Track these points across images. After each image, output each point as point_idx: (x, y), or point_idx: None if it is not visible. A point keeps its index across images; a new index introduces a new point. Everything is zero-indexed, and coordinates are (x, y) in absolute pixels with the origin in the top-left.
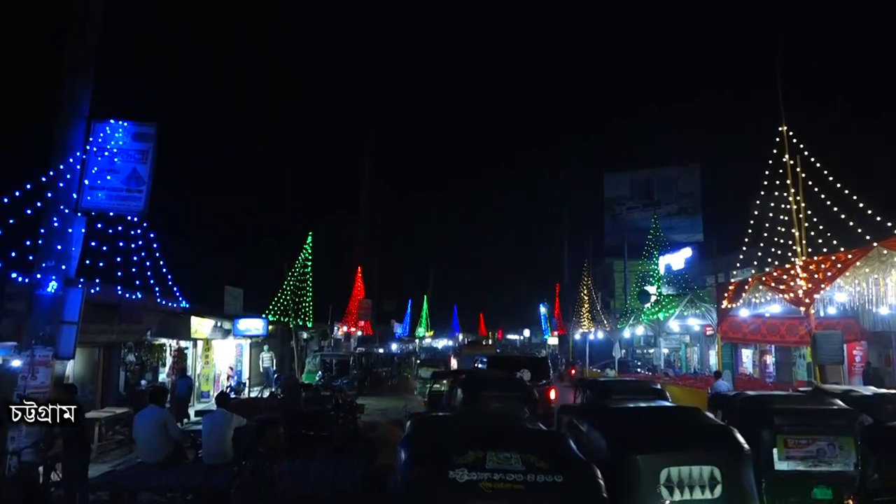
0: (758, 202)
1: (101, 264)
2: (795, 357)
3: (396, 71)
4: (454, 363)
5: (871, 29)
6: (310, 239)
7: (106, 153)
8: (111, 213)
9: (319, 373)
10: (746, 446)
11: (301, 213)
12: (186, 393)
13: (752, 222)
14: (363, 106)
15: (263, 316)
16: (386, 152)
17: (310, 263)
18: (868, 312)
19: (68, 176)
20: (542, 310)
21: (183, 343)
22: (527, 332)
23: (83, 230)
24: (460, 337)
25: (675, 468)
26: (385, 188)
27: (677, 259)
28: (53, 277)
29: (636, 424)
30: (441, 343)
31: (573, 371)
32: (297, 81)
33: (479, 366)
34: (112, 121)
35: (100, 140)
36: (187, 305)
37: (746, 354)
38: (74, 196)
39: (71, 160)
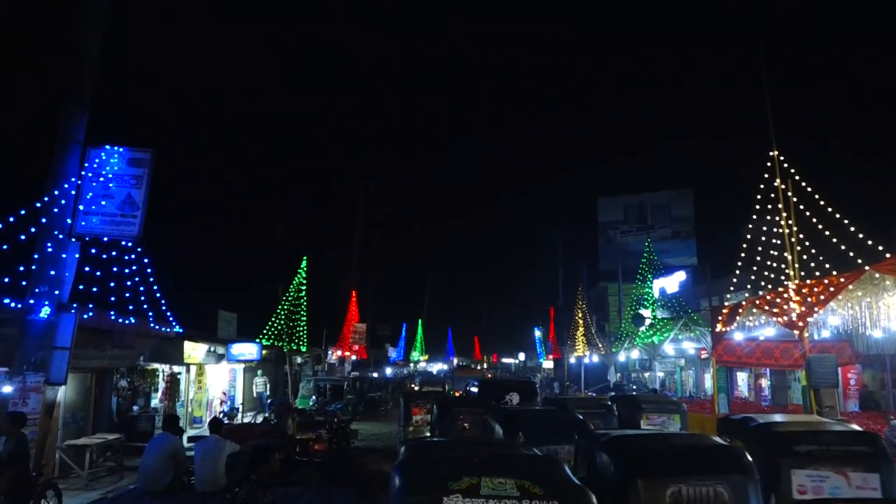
0: (750, 226)
1: (94, 289)
2: (790, 380)
3: (390, 97)
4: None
5: (864, 54)
6: (304, 263)
7: (101, 178)
8: (105, 239)
9: (313, 398)
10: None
11: (296, 236)
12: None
13: (744, 246)
14: (358, 131)
15: (257, 340)
16: (381, 176)
17: (304, 288)
18: (861, 336)
19: (63, 201)
20: (537, 333)
21: (176, 368)
22: (522, 356)
23: (77, 255)
24: (455, 360)
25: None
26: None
27: (671, 282)
28: (46, 303)
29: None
30: (436, 367)
31: None
32: (291, 107)
33: (472, 389)
34: (107, 146)
35: (95, 165)
36: (181, 330)
37: (741, 378)
38: (69, 221)
39: (66, 185)
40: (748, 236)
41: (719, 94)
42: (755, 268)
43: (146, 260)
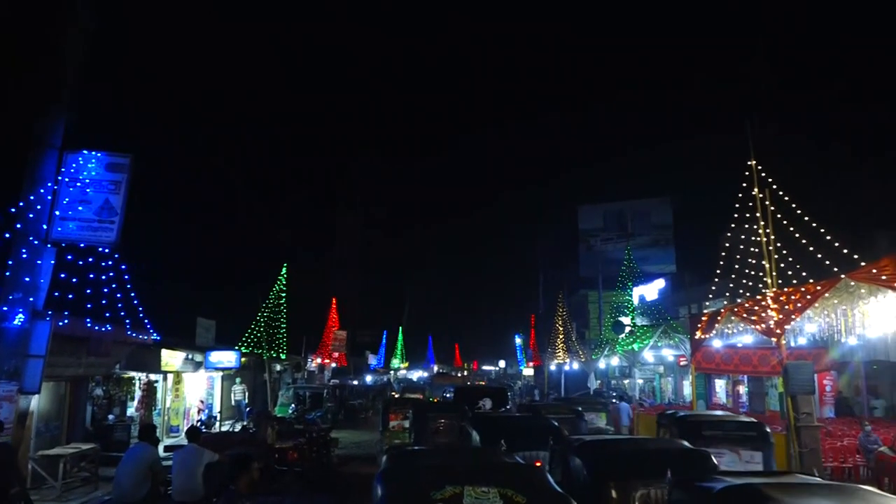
0: (728, 234)
1: (70, 296)
2: (768, 387)
3: (371, 104)
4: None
5: (845, 62)
6: (284, 270)
7: (78, 184)
8: (82, 245)
9: (293, 405)
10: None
11: (276, 244)
12: None
13: (723, 254)
14: (339, 136)
15: (236, 348)
16: (361, 184)
17: (284, 295)
18: (837, 343)
19: (38, 207)
20: (518, 340)
21: (153, 376)
22: (502, 363)
23: (52, 261)
24: (435, 368)
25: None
26: (360, 220)
27: (651, 290)
28: (20, 310)
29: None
30: (416, 374)
31: None
32: (273, 114)
33: (448, 395)
34: (85, 151)
35: (72, 170)
36: (158, 338)
37: (720, 385)
38: (44, 227)
39: (41, 191)
40: (727, 244)
41: (699, 99)
42: (734, 276)
43: (123, 266)
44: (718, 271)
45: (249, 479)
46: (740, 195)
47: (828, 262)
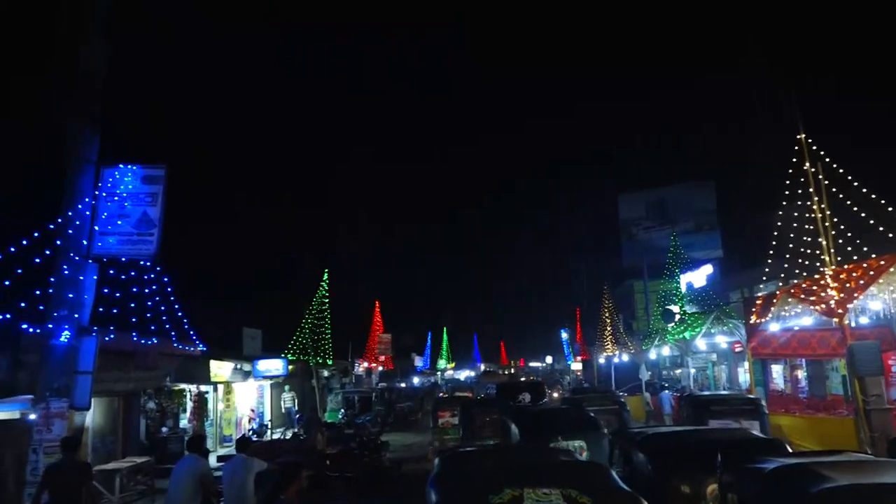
0: (780, 212)
1: (114, 311)
2: (828, 370)
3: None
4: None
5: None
6: (325, 276)
7: (116, 198)
8: (123, 259)
9: (342, 410)
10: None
11: (317, 251)
12: None
13: (775, 234)
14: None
15: (283, 356)
16: (404, 184)
17: (327, 301)
18: None
19: (77, 222)
20: (564, 335)
21: (203, 387)
22: (549, 359)
23: (95, 277)
24: (482, 367)
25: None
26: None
27: (698, 276)
28: (66, 327)
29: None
30: (463, 374)
31: None
32: (312, 121)
33: (490, 392)
34: (121, 165)
35: (109, 185)
36: (204, 349)
37: (776, 370)
38: (84, 242)
39: (79, 206)
40: (779, 224)
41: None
42: (788, 256)
43: (166, 279)
44: (771, 252)
45: (299, 487)
46: (790, 171)
47: (891, 235)
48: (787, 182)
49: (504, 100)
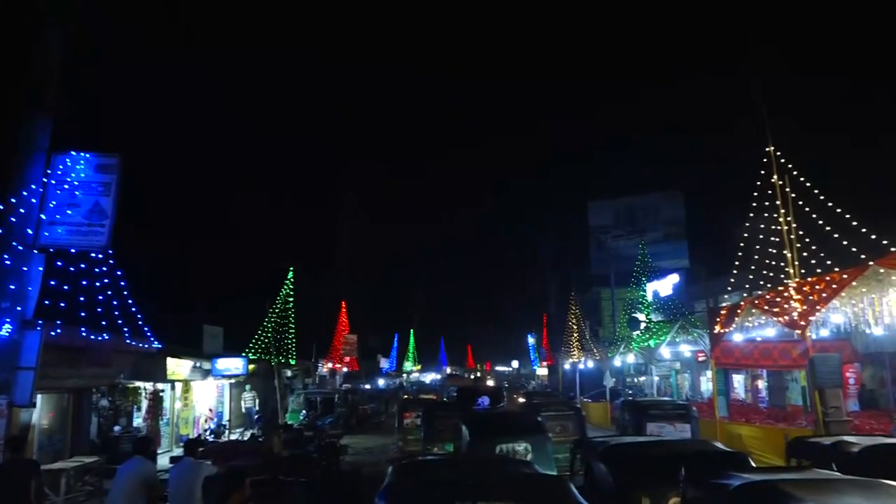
0: (747, 224)
1: (62, 304)
2: (788, 381)
3: (375, 105)
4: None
5: (861, 43)
6: (290, 274)
7: (66, 186)
8: (72, 250)
9: (304, 412)
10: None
11: (282, 247)
12: None
13: (741, 245)
14: (344, 139)
15: (244, 354)
16: (368, 186)
17: (291, 299)
18: (861, 334)
19: (22, 210)
20: (531, 340)
21: (159, 385)
22: (515, 363)
23: (41, 268)
24: (448, 370)
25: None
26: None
27: (664, 285)
28: (7, 320)
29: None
30: (429, 377)
31: None
32: (274, 116)
33: (454, 395)
34: (73, 152)
35: (59, 172)
36: (160, 346)
37: (738, 380)
38: (30, 232)
39: (25, 193)
40: (745, 235)
41: (706, 91)
42: (753, 267)
43: (119, 272)
44: (737, 263)
45: (241, 496)
46: (758, 183)
47: (854, 250)
48: (755, 194)
49: (473, 107)
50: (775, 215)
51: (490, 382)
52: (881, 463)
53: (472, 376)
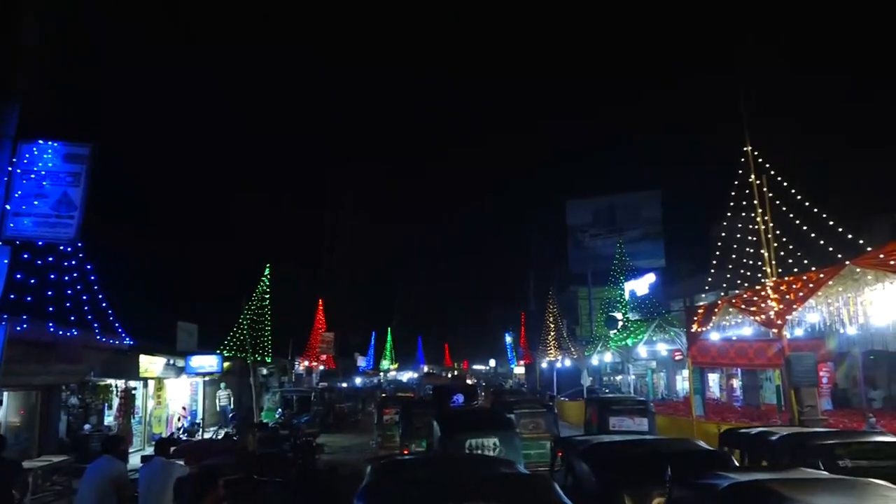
0: (725, 223)
1: (28, 299)
2: (762, 380)
3: (356, 105)
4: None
5: (839, 43)
6: (267, 270)
7: (33, 176)
8: (39, 242)
9: (279, 410)
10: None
11: (259, 243)
12: None
13: (719, 244)
14: (326, 137)
15: (218, 352)
16: (347, 183)
17: (268, 296)
18: (835, 333)
19: None
20: (508, 339)
21: (132, 383)
22: (492, 362)
23: (6, 261)
24: (425, 369)
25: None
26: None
27: (641, 285)
28: None
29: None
30: (406, 375)
31: None
32: (254, 112)
33: (430, 392)
34: (40, 141)
35: (25, 161)
36: (132, 342)
37: (713, 379)
38: None
39: None
40: (722, 234)
41: (685, 89)
42: (731, 266)
43: (89, 266)
44: (715, 262)
45: (215, 497)
46: (736, 182)
47: (830, 249)
48: (733, 193)
49: (463, 108)
50: (753, 215)
51: (470, 381)
52: (794, 449)
53: (450, 375)
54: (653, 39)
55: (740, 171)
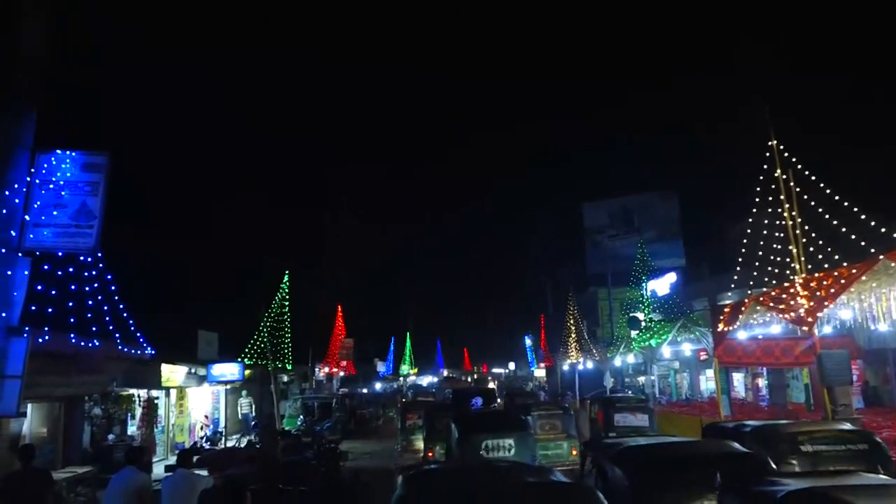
0: (750, 220)
1: (49, 310)
2: (789, 379)
3: (373, 105)
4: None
5: (861, 42)
6: (286, 278)
7: (51, 186)
8: (59, 253)
9: (301, 417)
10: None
11: (278, 251)
12: None
13: (744, 241)
14: (341, 141)
15: (239, 360)
16: (365, 190)
17: (287, 304)
18: (864, 330)
19: (4, 211)
20: (528, 341)
21: (154, 392)
22: (512, 365)
23: (27, 272)
24: (445, 373)
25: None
26: (364, 224)
27: (662, 284)
28: None
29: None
30: (426, 380)
31: None
32: (273, 118)
33: (449, 396)
34: (58, 151)
35: (44, 172)
36: (153, 352)
37: (737, 378)
38: (14, 234)
39: (7, 193)
40: (748, 231)
41: (701, 88)
42: (757, 264)
43: (109, 276)
44: (740, 259)
45: None
46: (761, 178)
47: (863, 244)
48: (758, 189)
49: (472, 109)
50: (779, 210)
51: (492, 385)
52: (766, 440)
53: (469, 378)
54: (672, 38)
55: (765, 166)
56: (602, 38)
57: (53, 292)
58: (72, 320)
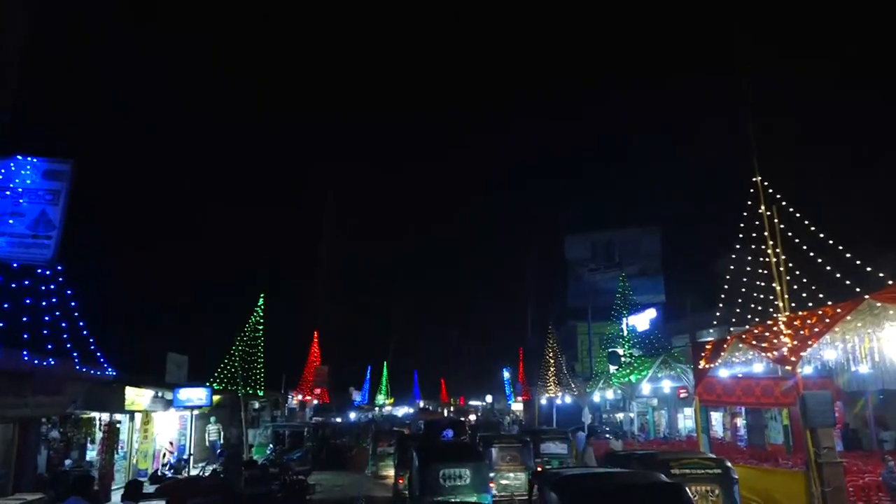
0: (733, 256)
1: (2, 325)
2: (767, 419)
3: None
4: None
5: (853, 70)
6: (261, 301)
7: (8, 192)
8: (14, 264)
9: (271, 446)
10: None
11: (253, 273)
12: None
13: (727, 277)
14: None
15: (208, 385)
16: (344, 213)
17: (261, 328)
18: (845, 371)
19: None
20: (506, 374)
21: (117, 416)
22: (489, 398)
23: None
24: (421, 403)
25: None
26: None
27: (641, 320)
28: None
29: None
30: (402, 410)
31: None
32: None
33: (422, 427)
34: (19, 156)
35: (0, 177)
36: (114, 373)
37: (715, 417)
38: None
39: None
40: (731, 267)
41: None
42: (740, 301)
43: (69, 291)
44: (722, 296)
45: None
46: (745, 214)
47: (847, 282)
48: (742, 225)
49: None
50: (763, 247)
51: (472, 416)
52: (647, 464)
53: (445, 411)
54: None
55: (749, 203)
56: (587, 64)
57: (6, 305)
58: (26, 337)
